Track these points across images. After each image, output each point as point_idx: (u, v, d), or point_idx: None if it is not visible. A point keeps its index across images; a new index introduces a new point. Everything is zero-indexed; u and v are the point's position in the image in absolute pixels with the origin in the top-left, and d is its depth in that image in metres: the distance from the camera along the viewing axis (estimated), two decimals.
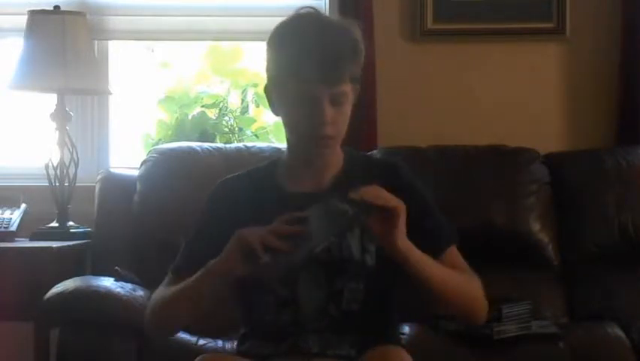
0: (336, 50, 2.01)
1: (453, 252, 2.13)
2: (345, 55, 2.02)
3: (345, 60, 2.02)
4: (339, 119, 2.04)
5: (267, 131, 3.96)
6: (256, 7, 3.81)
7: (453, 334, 2.90)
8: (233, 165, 2.34)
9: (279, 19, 2.12)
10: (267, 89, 2.12)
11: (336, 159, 2.13)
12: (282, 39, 2.06)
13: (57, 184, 3.48)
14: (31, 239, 3.41)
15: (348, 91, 2.04)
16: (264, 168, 2.19)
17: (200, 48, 4.03)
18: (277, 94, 2.08)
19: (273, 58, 2.07)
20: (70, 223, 3.49)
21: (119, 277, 3.01)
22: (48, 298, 2.86)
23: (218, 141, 3.87)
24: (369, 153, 2.26)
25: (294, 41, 2.02)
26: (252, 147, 3.48)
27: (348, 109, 2.06)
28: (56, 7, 3.53)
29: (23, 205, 3.47)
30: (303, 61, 1.99)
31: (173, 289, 2.08)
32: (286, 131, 2.12)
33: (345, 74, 2.02)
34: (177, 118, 3.95)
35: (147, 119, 4.02)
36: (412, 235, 1.97)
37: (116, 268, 3.07)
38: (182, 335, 2.90)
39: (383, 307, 2.13)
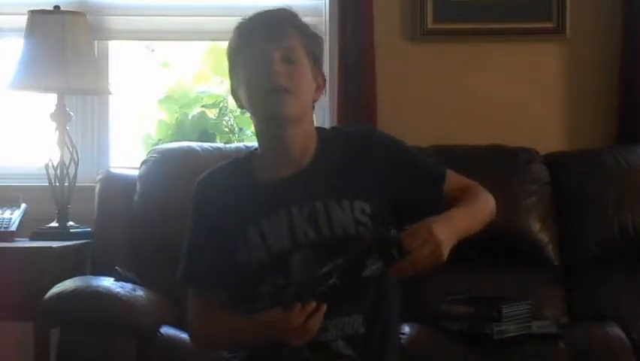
0: (280, 13, 2.14)
1: (450, 178, 2.20)
2: (290, 16, 2.14)
3: (290, 19, 2.13)
4: (293, 76, 2.08)
5: None
6: (256, 8, 3.80)
7: (453, 334, 2.90)
8: None
9: None
10: (232, 89, 2.18)
11: (308, 140, 2.15)
12: (234, 30, 2.17)
13: (57, 184, 3.48)
14: (31, 239, 3.41)
15: (299, 49, 2.09)
16: (241, 162, 2.22)
17: (200, 48, 4.03)
18: (236, 76, 2.14)
19: (229, 48, 2.17)
20: (71, 223, 3.49)
21: (119, 277, 3.01)
22: (48, 298, 2.86)
23: (218, 141, 3.87)
24: (338, 126, 2.31)
25: (244, 22, 2.16)
26: (252, 147, 3.47)
27: (303, 70, 2.10)
28: (56, 7, 3.53)
29: (23, 205, 3.47)
30: (251, 27, 2.13)
31: (222, 330, 2.14)
32: (251, 114, 2.17)
33: (290, 29, 2.10)
34: (177, 118, 3.95)
35: (147, 119, 4.02)
36: (412, 187, 2.12)
37: (116, 268, 3.07)
38: (182, 335, 2.90)
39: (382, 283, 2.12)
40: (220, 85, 4.02)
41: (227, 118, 3.96)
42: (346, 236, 2.07)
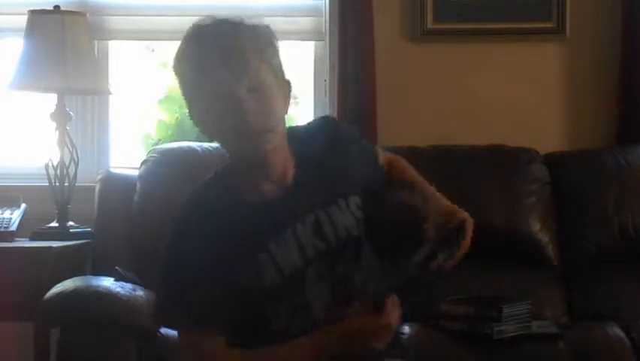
0: (230, 30, 1.94)
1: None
2: (240, 29, 1.94)
3: (242, 33, 1.94)
4: (263, 105, 1.92)
5: None
6: (256, 8, 3.81)
7: (453, 334, 2.90)
8: None
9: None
10: (192, 116, 2.02)
11: (286, 157, 2.03)
12: (182, 54, 2.00)
13: (57, 184, 3.49)
14: (31, 239, 3.41)
15: (261, 69, 1.93)
16: (221, 184, 2.05)
17: None
18: (197, 109, 1.98)
19: (181, 75, 2.00)
20: (70, 223, 3.49)
21: (119, 277, 3.01)
22: (48, 298, 2.86)
23: None
24: (294, 127, 2.15)
25: (193, 49, 1.97)
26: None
27: (270, 92, 1.94)
28: (56, 7, 3.53)
29: (23, 205, 3.47)
30: (204, 54, 1.93)
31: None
32: (224, 148, 2.01)
33: (247, 49, 1.92)
34: (177, 118, 3.95)
35: (147, 119, 4.02)
36: (372, 171, 2.15)
37: (116, 268, 3.07)
38: None
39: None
40: None
41: None
42: (349, 237, 2.04)
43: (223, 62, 1.91)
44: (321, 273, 2.02)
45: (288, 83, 2.02)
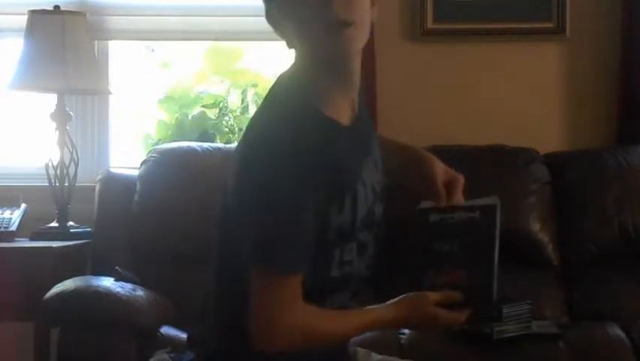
0: None
1: None
2: None
3: None
4: (355, 5, 1.81)
5: None
6: (256, 7, 3.80)
7: (453, 334, 2.90)
8: None
9: None
10: (270, 17, 1.90)
11: (359, 67, 1.85)
12: None
13: (57, 184, 3.49)
14: (31, 239, 3.41)
15: None
16: (317, 114, 1.79)
17: (200, 48, 4.03)
18: (281, 6, 1.86)
19: None
20: (71, 223, 3.49)
21: (119, 277, 3.01)
22: (48, 298, 2.86)
23: (218, 141, 3.87)
24: None
25: None
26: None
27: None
28: (56, 7, 3.53)
29: (23, 205, 3.47)
30: None
31: (331, 326, 1.79)
32: (306, 52, 1.83)
33: None
34: (177, 118, 3.95)
35: (147, 119, 4.02)
36: None
37: (116, 268, 3.07)
38: (182, 335, 2.90)
39: None
40: (220, 85, 4.02)
41: (227, 118, 3.96)
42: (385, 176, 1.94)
43: None
44: (382, 209, 1.90)
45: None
